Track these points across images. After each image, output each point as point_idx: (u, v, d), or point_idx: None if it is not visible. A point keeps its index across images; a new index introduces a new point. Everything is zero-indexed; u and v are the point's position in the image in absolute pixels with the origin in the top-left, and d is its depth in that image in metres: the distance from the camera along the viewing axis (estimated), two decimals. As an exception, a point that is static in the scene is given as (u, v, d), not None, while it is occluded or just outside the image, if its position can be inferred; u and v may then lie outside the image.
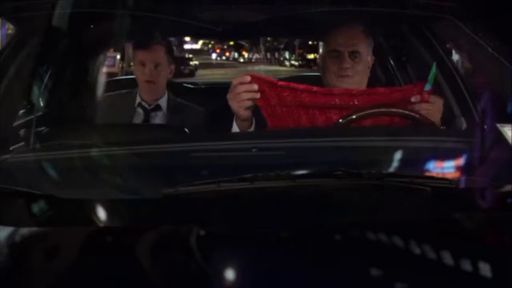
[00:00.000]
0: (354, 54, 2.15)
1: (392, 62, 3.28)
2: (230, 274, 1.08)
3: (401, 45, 2.93)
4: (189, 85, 3.58)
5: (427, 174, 1.58)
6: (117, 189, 1.49)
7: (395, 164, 1.59)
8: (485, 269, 1.06)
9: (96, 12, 2.10)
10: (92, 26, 2.53)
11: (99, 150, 1.63)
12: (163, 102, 2.71)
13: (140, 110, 2.70)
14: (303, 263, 1.09)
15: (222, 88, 2.02)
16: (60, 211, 1.36)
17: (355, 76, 2.17)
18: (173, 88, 2.84)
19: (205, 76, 18.12)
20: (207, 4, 2.11)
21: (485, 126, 1.93)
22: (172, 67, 2.74)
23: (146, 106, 2.69)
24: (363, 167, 1.45)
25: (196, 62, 22.59)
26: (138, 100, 2.70)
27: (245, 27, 2.43)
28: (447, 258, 1.07)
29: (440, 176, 1.56)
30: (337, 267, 1.08)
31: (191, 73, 19.80)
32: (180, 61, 21.04)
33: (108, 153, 1.62)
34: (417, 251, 1.10)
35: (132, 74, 2.91)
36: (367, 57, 2.21)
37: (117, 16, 2.10)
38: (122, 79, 2.96)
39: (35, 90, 2.66)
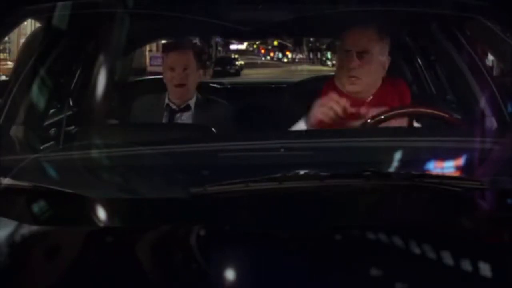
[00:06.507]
0: (362, 54, 2.13)
1: (420, 61, 3.25)
2: (254, 275, 1.08)
3: (430, 45, 2.90)
4: (217, 85, 3.60)
5: (457, 175, 1.56)
6: (146, 188, 1.50)
7: (422, 164, 1.58)
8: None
9: (125, 13, 2.12)
10: (121, 27, 2.56)
11: (128, 150, 1.64)
12: (192, 102, 2.74)
13: (168, 111, 2.72)
14: (333, 263, 1.09)
15: (252, 88, 2.03)
16: (89, 210, 1.37)
17: (365, 78, 2.15)
18: (202, 88, 2.86)
19: (250, 75, 18.11)
20: (234, 4, 2.12)
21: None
22: (201, 72, 2.77)
23: (175, 107, 2.71)
24: (388, 167, 1.45)
25: (242, 62, 22.91)
26: (166, 101, 2.72)
27: (271, 27, 2.43)
28: (480, 260, 1.07)
29: (470, 177, 1.54)
30: (366, 268, 1.08)
31: (237, 73, 20.16)
32: (226, 61, 21.64)
33: (137, 153, 1.63)
34: (447, 253, 1.09)
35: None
36: (380, 58, 2.18)
37: (147, 16, 2.12)
38: (152, 79, 2.98)
39: (66, 90, 2.69)
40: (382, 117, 1.94)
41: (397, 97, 2.19)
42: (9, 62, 10.97)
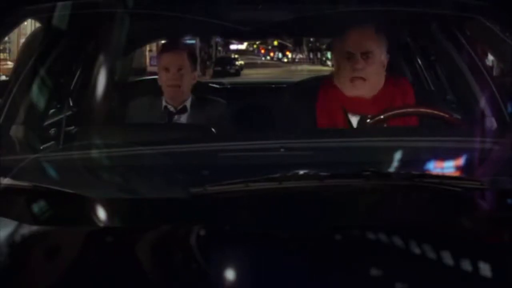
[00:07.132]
0: (366, 55, 2.15)
1: (420, 61, 3.25)
2: (254, 275, 1.08)
3: (430, 45, 2.90)
4: (216, 85, 3.60)
5: (457, 175, 1.56)
6: (146, 188, 1.50)
7: (422, 164, 1.58)
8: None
9: (125, 13, 2.12)
10: (121, 27, 2.56)
11: (128, 150, 1.64)
12: (188, 103, 2.74)
13: (166, 113, 2.72)
14: (333, 263, 1.09)
15: (250, 88, 2.03)
16: (89, 210, 1.37)
17: (369, 79, 2.16)
18: (198, 89, 2.86)
19: (250, 75, 18.07)
20: (234, 4, 2.12)
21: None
22: (196, 74, 2.78)
23: (172, 109, 2.71)
24: (388, 167, 1.45)
25: (242, 62, 22.91)
26: (164, 103, 2.72)
27: (271, 27, 2.43)
28: (480, 260, 1.06)
29: (470, 177, 1.54)
30: (366, 268, 1.08)
31: (237, 73, 20.23)
32: (226, 61, 21.66)
33: (137, 153, 1.63)
34: (447, 253, 1.09)
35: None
36: (381, 57, 2.20)
37: (147, 16, 2.11)
38: (152, 79, 2.98)
39: (66, 90, 2.69)
40: (382, 116, 1.94)
41: (399, 96, 2.19)
42: (9, 62, 10.98)
